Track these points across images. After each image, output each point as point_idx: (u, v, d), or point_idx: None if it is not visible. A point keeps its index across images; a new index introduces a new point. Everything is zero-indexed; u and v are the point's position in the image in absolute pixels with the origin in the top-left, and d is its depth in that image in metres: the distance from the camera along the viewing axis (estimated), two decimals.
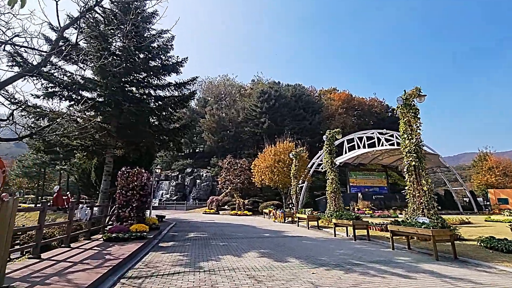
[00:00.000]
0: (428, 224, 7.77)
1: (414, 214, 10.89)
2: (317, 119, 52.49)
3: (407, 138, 11.72)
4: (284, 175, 28.03)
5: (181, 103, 14.38)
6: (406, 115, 11.94)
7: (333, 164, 18.47)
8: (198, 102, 60.74)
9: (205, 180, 44.77)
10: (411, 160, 11.35)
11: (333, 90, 68.19)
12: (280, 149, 29.34)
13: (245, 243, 10.06)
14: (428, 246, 9.16)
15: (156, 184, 47.29)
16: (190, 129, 14.53)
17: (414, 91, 12.12)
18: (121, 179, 10.12)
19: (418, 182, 11.13)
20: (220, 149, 51.95)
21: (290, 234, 12.87)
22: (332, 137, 19.01)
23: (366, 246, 9.51)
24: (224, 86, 64.27)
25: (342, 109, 56.14)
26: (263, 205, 30.33)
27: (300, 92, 56.95)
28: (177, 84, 14.68)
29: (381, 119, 58.34)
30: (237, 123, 51.70)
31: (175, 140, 14.91)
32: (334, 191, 17.85)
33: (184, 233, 12.94)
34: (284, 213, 20.19)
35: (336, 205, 17.58)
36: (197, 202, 41.91)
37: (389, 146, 35.45)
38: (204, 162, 50.96)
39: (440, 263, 6.96)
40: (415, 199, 11.09)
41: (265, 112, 48.19)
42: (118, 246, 8.35)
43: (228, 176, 34.79)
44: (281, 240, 10.93)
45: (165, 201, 43.08)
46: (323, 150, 19.51)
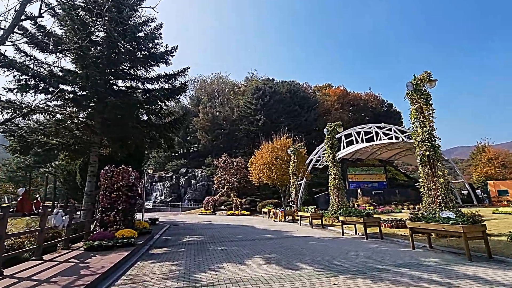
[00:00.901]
0: (456, 220, 6.81)
1: (431, 208, 9.99)
2: (313, 115, 51.67)
3: (419, 127, 10.78)
4: (282, 172, 27.03)
5: (171, 96, 13.20)
6: (417, 102, 11.00)
7: (335, 158, 17.52)
8: (191, 100, 59.34)
9: (200, 180, 43.52)
10: (425, 150, 10.41)
11: (328, 86, 67.51)
12: (277, 146, 28.33)
13: (247, 246, 8.98)
14: (450, 243, 8.24)
15: (150, 185, 45.85)
16: (182, 124, 13.37)
17: (425, 76, 11.19)
18: (104, 179, 8.93)
19: (433, 174, 10.21)
20: (215, 148, 50.71)
21: (294, 234, 11.84)
22: (333, 130, 18.07)
23: (382, 246, 8.52)
24: (217, 84, 62.97)
25: (338, 104, 55.47)
26: (262, 204, 29.30)
27: (295, 88, 56.02)
28: (167, 76, 13.48)
29: (377, 114, 57.87)
30: (232, 121, 50.52)
31: (167, 136, 13.72)
32: (338, 187, 16.90)
33: (178, 237, 11.80)
34: (284, 211, 19.17)
35: (340, 201, 16.65)
36: (192, 203, 40.66)
37: (388, 140, 34.77)
38: (199, 162, 49.68)
39: (476, 264, 6.00)
40: (431, 192, 10.18)
41: (260, 109, 47.14)
42: (100, 256, 7.19)
43: (224, 175, 33.63)
44: (286, 241, 9.88)
45: (159, 203, 41.69)
46: (324, 143, 18.56)
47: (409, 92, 11.33)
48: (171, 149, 15.19)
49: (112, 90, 12.73)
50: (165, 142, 14.05)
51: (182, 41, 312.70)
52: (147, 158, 52.79)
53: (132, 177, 10.07)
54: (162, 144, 14.15)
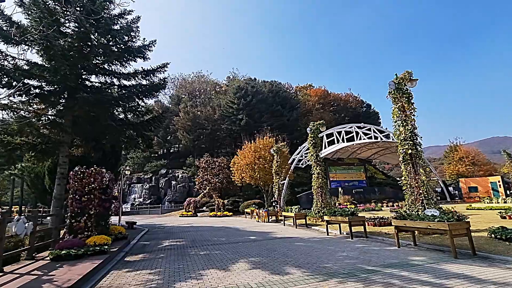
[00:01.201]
0: (441, 217, 6.81)
1: (413, 206, 10.08)
2: (295, 115, 51.96)
3: (401, 125, 10.87)
4: (265, 172, 26.80)
5: (150, 92, 12.48)
6: (399, 101, 11.10)
7: (318, 158, 17.49)
8: (171, 99, 57.74)
9: (181, 181, 42.37)
10: (407, 148, 10.51)
11: (309, 86, 68.31)
12: (260, 145, 28.07)
13: (230, 250, 8.57)
14: (434, 240, 8.32)
15: (128, 187, 44.07)
16: (161, 122, 12.68)
17: (406, 75, 11.32)
18: (73, 181, 8.16)
19: (415, 172, 10.31)
20: (196, 148, 49.64)
21: (278, 235, 11.57)
22: (316, 129, 18.04)
23: (368, 245, 8.43)
24: (198, 83, 61.78)
25: (319, 104, 56.23)
26: (244, 205, 28.91)
27: (277, 88, 56.10)
28: (145, 72, 12.74)
29: (356, 114, 59.29)
30: (214, 121, 49.69)
31: (145, 135, 12.97)
32: (321, 186, 16.86)
33: (157, 242, 11.15)
34: (268, 212, 18.91)
35: (323, 200, 16.61)
36: (173, 205, 39.47)
37: (367, 140, 35.60)
38: (180, 163, 48.40)
39: (462, 261, 6.00)
40: (413, 190, 10.28)
41: (242, 109, 46.69)
42: (68, 266, 6.50)
43: (205, 175, 32.90)
44: (271, 243, 9.58)
45: (137, 205, 40.10)
46: (307, 143, 18.49)
47: (391, 91, 11.42)
48: (150, 148, 14.44)
49: (84, 85, 11.81)
50: (143, 142, 13.28)
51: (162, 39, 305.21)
52: (124, 159, 50.70)
53: (106, 179, 9.33)
54: (140, 144, 13.37)
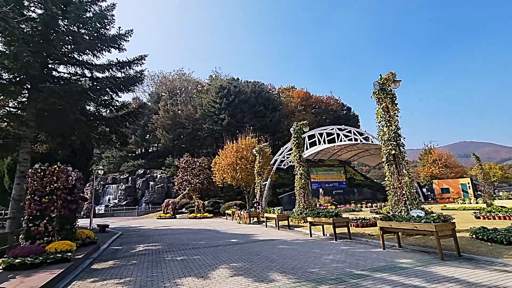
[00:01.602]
0: (428, 218, 6.67)
1: (397, 207, 10.04)
2: (278, 116, 51.99)
3: (385, 125, 10.84)
4: (247, 172, 26.34)
5: (125, 86, 11.59)
6: (384, 101, 11.07)
7: (301, 158, 17.29)
8: (150, 97, 55.75)
9: (159, 182, 40.86)
10: (391, 149, 10.46)
11: (292, 88, 68.82)
12: (242, 146, 27.58)
13: (210, 254, 8.01)
14: (417, 241, 8.23)
15: (102, 188, 41.88)
16: (137, 118, 11.82)
17: (390, 76, 11.33)
18: (32, 180, 7.23)
19: (398, 173, 10.28)
20: (176, 148, 48.20)
21: (261, 238, 11.14)
22: (300, 129, 17.85)
23: (353, 247, 8.20)
24: (179, 81, 60.20)
25: (301, 106, 56.70)
26: (225, 206, 28.24)
27: (259, 89, 55.90)
28: (120, 63, 11.84)
29: (337, 117, 60.39)
30: (195, 120, 48.53)
31: (119, 132, 12.04)
32: (304, 187, 16.66)
33: (130, 246, 10.33)
34: (249, 213, 18.44)
35: (306, 201, 16.42)
36: (150, 206, 37.94)
37: (348, 142, 36.20)
38: (158, 163, 46.74)
39: (449, 263, 5.85)
40: (396, 191, 10.25)
41: (224, 108, 45.95)
42: (22, 277, 5.66)
43: (185, 176, 31.84)
44: (253, 246, 9.11)
45: (112, 207, 38.14)
46: (290, 143, 18.25)
47: (375, 91, 11.38)
48: (125, 146, 13.51)
49: (50, 75, 10.75)
50: (118, 139, 12.34)
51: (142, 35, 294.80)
52: (99, 158, 48.23)
53: (73, 178, 8.43)
54: (114, 141, 12.41)
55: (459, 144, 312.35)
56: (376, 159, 43.39)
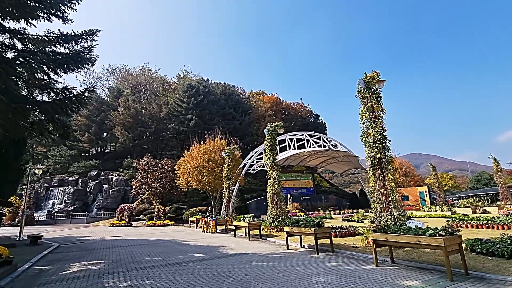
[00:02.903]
0: (433, 231, 5.69)
1: (383, 216, 9.14)
2: (248, 119, 50.86)
3: (370, 127, 10.02)
4: (214, 176, 24.50)
5: (68, 63, 9.31)
6: (369, 100, 10.29)
7: (275, 162, 16.07)
8: (110, 92, 51.04)
9: (115, 185, 36.92)
10: (376, 152, 9.62)
11: (262, 93, 68.35)
12: (210, 147, 25.70)
13: (167, 276, 6.24)
14: (409, 255, 7.30)
15: (44, 191, 36.68)
16: (82, 103, 9.48)
17: (374, 75, 10.62)
18: None
19: (384, 178, 9.46)
20: (136, 148, 44.38)
21: (231, 251, 9.53)
22: (275, 130, 16.67)
23: (341, 264, 7.00)
24: (144, 78, 56.26)
25: (272, 111, 56.27)
26: (189, 212, 25.97)
27: (230, 91, 54.46)
28: (63, 36, 9.58)
29: (306, 124, 61.06)
30: (159, 119, 45.26)
31: (57, 120, 9.67)
32: (277, 193, 15.42)
33: (62, 266, 8.05)
34: (216, 220, 16.65)
35: (279, 208, 15.15)
36: (103, 212, 33.93)
37: (318, 148, 36.11)
38: (115, 164, 42.50)
39: (462, 285, 4.87)
40: (381, 197, 9.39)
41: (192, 108, 43.53)
42: None
43: (145, 179, 28.89)
44: (223, 263, 7.49)
45: (56, 213, 33.38)
46: (264, 144, 16.97)
47: (360, 90, 10.58)
48: (66, 139, 11.15)
49: None
50: (56, 129, 9.92)
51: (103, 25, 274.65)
52: (44, 157, 42.50)
53: None
54: (51, 131, 9.98)
55: (411, 155, 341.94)
56: (343, 166, 44.15)
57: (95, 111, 45.20)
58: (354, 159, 39.65)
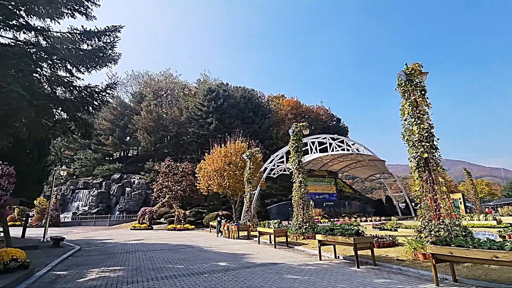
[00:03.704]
0: None
1: (432, 225, 7.93)
2: (267, 123, 50.11)
3: (414, 123, 8.87)
4: (235, 179, 23.84)
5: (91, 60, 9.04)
6: (412, 94, 9.16)
7: (300, 164, 15.11)
8: (133, 97, 52.37)
9: (137, 188, 37.32)
10: (422, 152, 8.47)
11: (282, 96, 67.47)
12: (231, 150, 25.13)
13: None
14: (471, 272, 6.09)
15: (71, 193, 37.76)
16: (103, 101, 9.17)
17: (416, 66, 9.49)
18: None
19: (433, 181, 8.27)
20: (157, 152, 44.89)
21: (257, 261, 8.67)
22: (300, 131, 15.75)
23: (390, 281, 5.93)
24: (165, 83, 57.32)
25: (292, 115, 55.14)
26: (209, 217, 25.41)
27: (249, 94, 54.08)
28: (86, 33, 9.36)
29: (326, 127, 59.26)
30: (180, 123, 45.58)
31: (79, 119, 9.42)
32: (302, 197, 14.42)
33: (80, 271, 7.56)
34: (238, 226, 15.88)
35: (305, 214, 14.14)
36: (125, 215, 34.27)
37: (342, 152, 34.58)
38: (137, 167, 43.15)
39: None
40: (430, 203, 8.19)
41: (212, 112, 43.46)
42: None
43: (166, 182, 28.81)
44: (251, 275, 6.66)
45: (81, 215, 34.11)
46: (289, 146, 16.07)
47: (401, 83, 9.48)
48: (88, 138, 10.77)
49: None
50: (77, 128, 9.67)
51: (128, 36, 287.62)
52: (70, 160, 44.01)
53: None
54: (73, 130, 9.73)
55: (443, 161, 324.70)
56: (367, 170, 42.07)
57: (119, 116, 46.38)
58: (380, 163, 37.62)
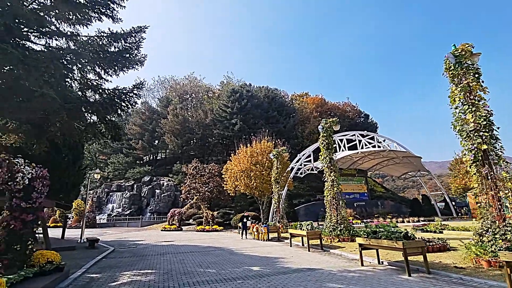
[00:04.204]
0: None
1: (497, 227, 6.84)
2: (292, 122, 49.16)
3: (468, 111, 7.77)
4: (262, 180, 23.37)
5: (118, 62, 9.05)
6: (464, 78, 8.06)
7: (332, 162, 14.26)
8: (160, 102, 54.04)
9: (166, 189, 38.24)
10: (480, 143, 7.36)
11: (305, 94, 66.09)
12: (257, 150, 24.70)
13: None
14: None
15: (106, 195, 39.58)
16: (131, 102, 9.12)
17: (466, 47, 8.34)
18: None
19: (494, 176, 7.15)
20: (184, 154, 45.80)
21: (292, 265, 8.08)
22: (330, 127, 14.90)
23: None
24: (190, 87, 58.50)
25: (317, 112, 53.72)
26: (237, 218, 25.15)
27: (273, 94, 53.49)
28: (113, 35, 9.41)
29: (354, 124, 56.95)
30: (205, 126, 46.16)
31: (109, 121, 9.48)
32: (336, 197, 13.57)
33: (113, 274, 7.47)
34: (268, 228, 15.35)
35: (339, 215, 13.28)
36: (155, 216, 35.21)
37: (372, 148, 32.78)
38: (166, 170, 44.32)
39: None
40: (494, 202, 7.07)
41: (236, 113, 43.47)
42: None
43: (193, 183, 29.07)
44: (288, 283, 6.09)
45: (115, 216, 35.57)
46: (319, 143, 15.27)
47: (449, 66, 8.41)
48: (118, 141, 10.80)
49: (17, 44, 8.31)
50: (108, 130, 9.76)
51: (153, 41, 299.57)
52: (104, 164, 46.27)
53: (24, 175, 5.75)
54: (103, 133, 9.84)
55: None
56: (401, 168, 39.56)
57: (147, 120, 48.02)
58: (416, 160, 35.13)
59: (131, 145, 46.94)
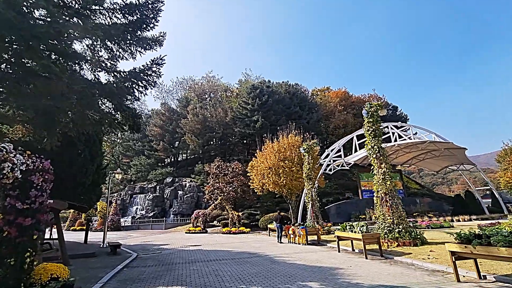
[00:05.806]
0: None
1: None
2: (315, 117, 46.73)
3: None
4: (291, 176, 21.48)
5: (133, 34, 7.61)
6: None
7: (381, 152, 12.16)
8: (179, 102, 53.55)
9: (188, 191, 37.26)
10: None
11: (327, 89, 63.28)
12: (284, 145, 22.84)
13: None
14: None
15: (129, 198, 39.29)
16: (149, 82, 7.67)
17: None
18: None
19: None
20: (205, 154, 44.76)
21: (360, 280, 6.18)
22: (376, 111, 12.80)
23: None
24: (208, 86, 57.67)
25: (341, 106, 50.98)
26: (265, 219, 23.41)
27: (294, 89, 51.32)
28: (127, 5, 8.01)
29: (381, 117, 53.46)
30: (225, 124, 44.89)
31: (125, 108, 8.09)
32: (389, 193, 11.42)
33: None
34: (306, 230, 13.45)
35: (395, 214, 11.13)
36: (179, 218, 34.26)
37: (409, 140, 29.80)
38: (188, 171, 43.47)
39: None
40: None
41: (257, 110, 41.77)
42: None
43: (216, 183, 27.69)
44: None
45: (139, 218, 35.04)
46: (363, 129, 13.24)
47: None
48: (136, 131, 9.40)
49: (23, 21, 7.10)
50: (125, 119, 8.38)
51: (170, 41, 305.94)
52: (127, 166, 46.26)
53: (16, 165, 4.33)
54: (120, 122, 8.47)
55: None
56: (441, 162, 36.00)
57: (168, 121, 47.57)
58: (459, 152, 31.59)
59: (152, 146, 46.66)
